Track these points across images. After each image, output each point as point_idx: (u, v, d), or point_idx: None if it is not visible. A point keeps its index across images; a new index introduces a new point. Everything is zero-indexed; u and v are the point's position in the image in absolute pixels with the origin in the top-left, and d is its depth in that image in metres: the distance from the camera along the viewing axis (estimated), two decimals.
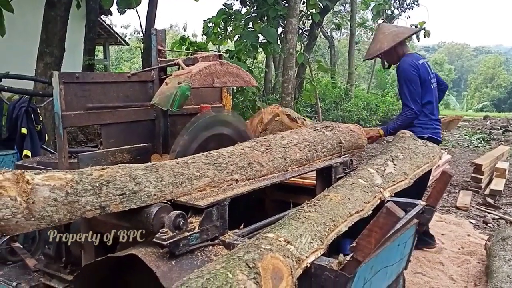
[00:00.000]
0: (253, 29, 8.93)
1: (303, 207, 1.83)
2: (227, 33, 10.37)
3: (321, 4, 9.94)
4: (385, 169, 2.41)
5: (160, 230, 1.55)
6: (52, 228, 2.48)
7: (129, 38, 28.03)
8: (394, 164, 2.48)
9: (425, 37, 16.40)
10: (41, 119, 3.68)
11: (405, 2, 17.65)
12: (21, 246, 3.02)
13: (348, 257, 1.50)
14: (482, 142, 12.29)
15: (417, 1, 17.81)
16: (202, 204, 1.68)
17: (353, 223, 1.87)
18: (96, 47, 12.73)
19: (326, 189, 2.42)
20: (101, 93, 2.33)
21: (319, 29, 12.14)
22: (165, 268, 1.52)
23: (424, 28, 16.01)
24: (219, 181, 1.98)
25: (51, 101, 3.87)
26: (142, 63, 13.04)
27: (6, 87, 3.30)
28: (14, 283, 2.56)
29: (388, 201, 2.08)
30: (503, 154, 8.57)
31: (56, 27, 6.94)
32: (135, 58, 32.90)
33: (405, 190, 2.45)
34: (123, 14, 13.87)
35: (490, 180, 7.10)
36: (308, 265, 1.53)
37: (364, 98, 16.09)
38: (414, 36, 16.76)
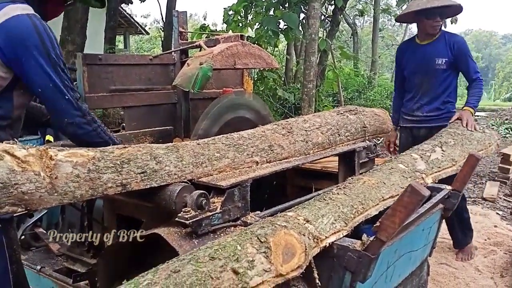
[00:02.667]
0: (274, 15, 8.82)
1: (332, 189, 1.81)
2: (248, 21, 10.29)
3: None
4: (430, 155, 2.37)
5: (183, 210, 1.55)
6: (76, 210, 2.53)
7: (149, 28, 28.07)
8: (442, 150, 2.44)
9: (451, 23, 15.96)
10: None
11: None
12: (45, 232, 3.08)
13: (371, 238, 1.47)
14: (510, 132, 11.99)
15: None
16: (224, 184, 1.67)
17: (385, 207, 1.82)
18: (117, 36, 12.79)
19: (352, 173, 2.41)
20: (123, 75, 2.33)
21: (342, 15, 11.92)
22: (187, 247, 1.51)
23: None
24: (240, 163, 1.96)
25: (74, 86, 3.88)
26: (162, 51, 13.12)
27: None
28: (38, 267, 2.59)
29: None
30: None
31: (78, 14, 7.03)
32: (155, 48, 33.03)
33: None
34: (143, 2, 13.92)
35: None
36: (328, 245, 1.51)
37: (388, 87, 15.81)
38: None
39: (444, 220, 2.46)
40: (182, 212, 1.55)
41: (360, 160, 2.54)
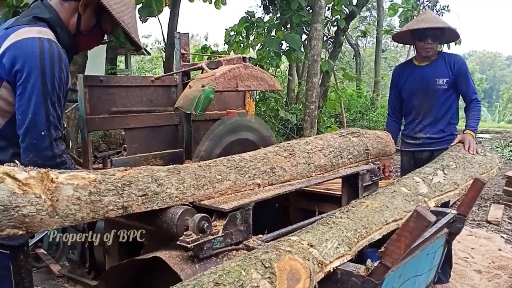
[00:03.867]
0: (275, 37, 8.91)
1: (335, 213, 1.80)
2: (249, 42, 10.38)
3: (346, 10, 9.82)
4: (432, 178, 2.36)
5: (185, 233, 1.53)
6: (76, 232, 2.50)
7: (151, 48, 28.28)
8: (444, 174, 2.43)
9: (455, 44, 16.09)
10: (64, 125, 3.70)
11: (435, 8, 17.27)
12: (45, 252, 3.06)
13: (376, 263, 1.45)
14: None
15: (447, 7, 17.40)
16: (226, 207, 1.65)
17: (388, 231, 1.81)
18: (118, 57, 12.84)
19: (355, 196, 2.39)
20: (125, 97, 2.33)
21: (344, 36, 12.03)
22: (189, 271, 1.49)
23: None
24: (241, 185, 1.95)
25: (74, 108, 3.90)
26: (164, 72, 13.22)
27: None
28: None
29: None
30: None
31: None
32: (157, 69, 33.27)
33: None
34: (145, 22, 14.09)
35: None
36: (332, 270, 1.48)
37: None
38: (445, 44, 16.50)
39: None
40: (183, 236, 1.53)
41: (364, 183, 2.52)
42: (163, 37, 12.00)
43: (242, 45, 10.18)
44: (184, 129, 2.58)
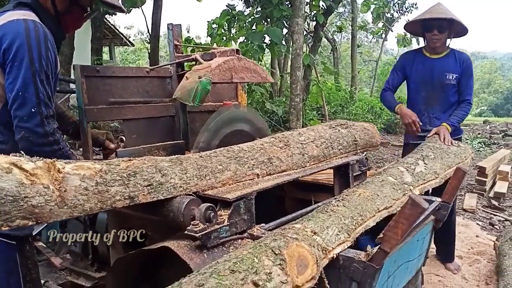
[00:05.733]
0: (257, 30, 8.92)
1: (331, 201, 1.84)
2: (231, 35, 10.37)
3: (324, 5, 9.90)
4: (415, 168, 2.44)
5: (192, 223, 1.55)
6: (79, 223, 2.48)
7: (133, 39, 27.92)
8: (425, 163, 2.51)
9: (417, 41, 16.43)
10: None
11: (404, 6, 17.66)
12: (45, 245, 3.02)
13: (375, 249, 1.50)
14: (483, 146, 12.37)
15: (416, 5, 17.82)
16: (231, 197, 1.68)
17: (381, 218, 1.87)
18: (103, 47, 12.69)
19: (347, 186, 2.45)
20: (121, 87, 2.32)
21: (323, 31, 12.13)
22: (198, 260, 1.51)
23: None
24: (241, 175, 1.98)
25: (66, 99, 3.86)
26: (149, 64, 13.06)
27: None
28: (42, 281, 2.54)
29: None
30: (505, 158, 8.62)
31: None
32: (140, 60, 32.80)
33: None
34: (128, 13, 13.88)
35: (494, 183, 7.17)
36: (335, 256, 1.53)
37: (368, 102, 16.09)
38: (414, 40, 16.83)
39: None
40: (191, 225, 1.55)
41: (354, 173, 2.58)
42: (147, 28, 11.87)
43: (224, 38, 10.15)
44: (181, 120, 2.58)
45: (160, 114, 2.56)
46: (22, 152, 1.37)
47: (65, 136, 2.23)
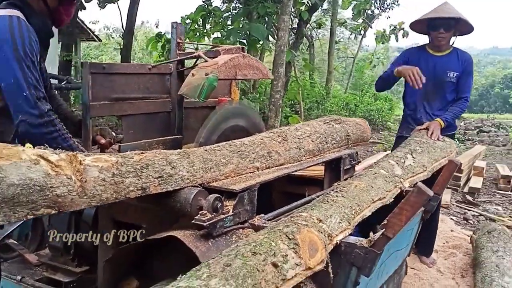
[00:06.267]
0: (240, 27, 8.97)
1: (330, 192, 1.95)
2: (206, 30, 10.33)
3: (309, 2, 10.00)
4: (404, 161, 2.56)
5: (200, 212, 1.63)
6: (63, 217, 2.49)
7: (98, 34, 27.37)
8: (413, 157, 2.63)
9: (403, 37, 16.78)
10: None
11: (385, 2, 17.87)
12: (16, 242, 3.01)
13: (377, 235, 1.61)
14: (458, 142, 12.71)
15: (397, 2, 18.05)
16: (237, 188, 1.76)
17: (375, 209, 1.98)
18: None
19: (337, 179, 2.56)
20: (124, 84, 2.38)
21: (306, 28, 12.26)
22: (203, 248, 1.59)
23: (403, 29, 16.40)
24: (243, 168, 2.06)
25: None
26: (121, 59, 12.90)
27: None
28: (19, 277, 2.54)
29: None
30: (480, 153, 8.90)
31: None
32: (103, 56, 32.21)
33: None
34: (103, 8, 13.69)
35: (468, 179, 7.37)
36: (338, 242, 1.64)
37: (343, 98, 16.35)
38: (393, 36, 17.17)
39: None
40: (199, 215, 1.63)
41: (345, 167, 2.70)
42: (122, 24, 11.74)
43: (198, 33, 10.08)
44: (176, 116, 2.64)
45: (157, 110, 2.62)
46: (46, 145, 1.43)
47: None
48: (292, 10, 9.53)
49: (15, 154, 1.29)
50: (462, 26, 3.59)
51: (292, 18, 10.57)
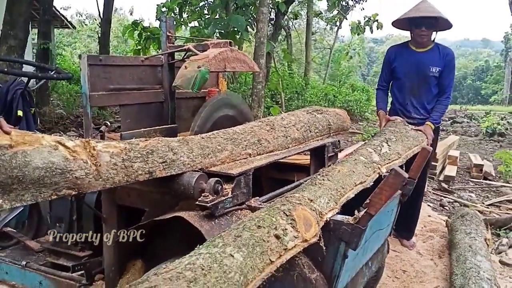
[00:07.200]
0: (220, 18, 9.02)
1: (316, 177, 2.11)
2: (182, 19, 10.27)
3: None
4: (381, 149, 2.74)
5: (203, 194, 1.78)
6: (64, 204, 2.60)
7: (70, 21, 26.83)
8: (388, 145, 2.81)
9: (377, 29, 17.02)
10: (34, 102, 3.71)
11: None
12: (14, 230, 3.10)
13: (361, 213, 1.79)
14: (439, 134, 13.02)
15: None
16: (235, 172, 1.92)
17: (358, 191, 2.15)
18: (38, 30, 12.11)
19: (322, 166, 2.73)
20: (119, 75, 2.49)
21: (284, 19, 12.38)
22: (207, 227, 1.75)
23: (377, 20, 16.64)
24: (236, 155, 2.22)
25: (43, 84, 3.90)
26: (99, 48, 12.76)
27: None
28: (23, 262, 2.63)
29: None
30: (454, 143, 9.22)
31: (21, 8, 6.83)
32: (77, 43, 31.57)
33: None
34: None
35: (443, 167, 7.63)
36: (328, 220, 1.80)
37: (322, 89, 16.56)
38: (367, 28, 17.41)
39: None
40: (202, 197, 1.78)
41: (328, 154, 2.88)
42: (99, 12, 11.61)
43: (174, 22, 9.99)
44: (169, 106, 2.77)
45: (151, 100, 2.74)
46: (61, 132, 1.55)
47: None
48: (269, 1, 9.66)
49: (36, 140, 1.41)
50: (442, 23, 3.74)
51: (270, 9, 10.68)
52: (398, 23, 3.95)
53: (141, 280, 1.04)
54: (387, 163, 2.76)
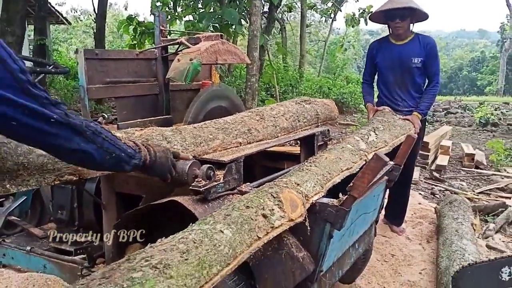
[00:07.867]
0: (214, 12, 9.08)
1: (304, 163, 2.22)
2: (177, 13, 10.33)
3: None
4: (368, 137, 2.85)
5: (196, 180, 1.88)
6: (65, 193, 2.71)
7: (66, 16, 26.81)
8: (376, 134, 2.93)
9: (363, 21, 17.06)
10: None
11: None
12: (18, 218, 3.22)
13: (345, 197, 1.90)
14: (426, 123, 13.18)
15: None
16: (226, 159, 2.02)
17: (344, 177, 2.27)
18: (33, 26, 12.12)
19: (312, 154, 2.84)
20: (115, 69, 2.59)
21: (277, 12, 12.45)
22: (200, 210, 1.85)
23: (371, 12, 16.67)
24: (228, 143, 2.33)
25: (41, 79, 3.99)
26: (95, 43, 12.82)
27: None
28: (28, 248, 2.76)
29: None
30: (447, 133, 9.36)
31: (18, 5, 6.92)
32: (73, 39, 31.57)
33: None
34: None
35: (436, 157, 7.78)
36: (313, 202, 1.92)
37: (317, 82, 16.66)
38: (362, 20, 17.47)
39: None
40: (195, 182, 1.88)
41: (318, 143, 2.99)
42: (94, 7, 11.65)
43: (169, 16, 10.07)
44: (164, 98, 2.87)
45: (146, 93, 2.85)
46: None
47: None
48: None
49: None
50: (418, 14, 3.78)
51: (263, 2, 10.74)
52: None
53: (139, 252, 1.15)
54: (374, 151, 2.88)
